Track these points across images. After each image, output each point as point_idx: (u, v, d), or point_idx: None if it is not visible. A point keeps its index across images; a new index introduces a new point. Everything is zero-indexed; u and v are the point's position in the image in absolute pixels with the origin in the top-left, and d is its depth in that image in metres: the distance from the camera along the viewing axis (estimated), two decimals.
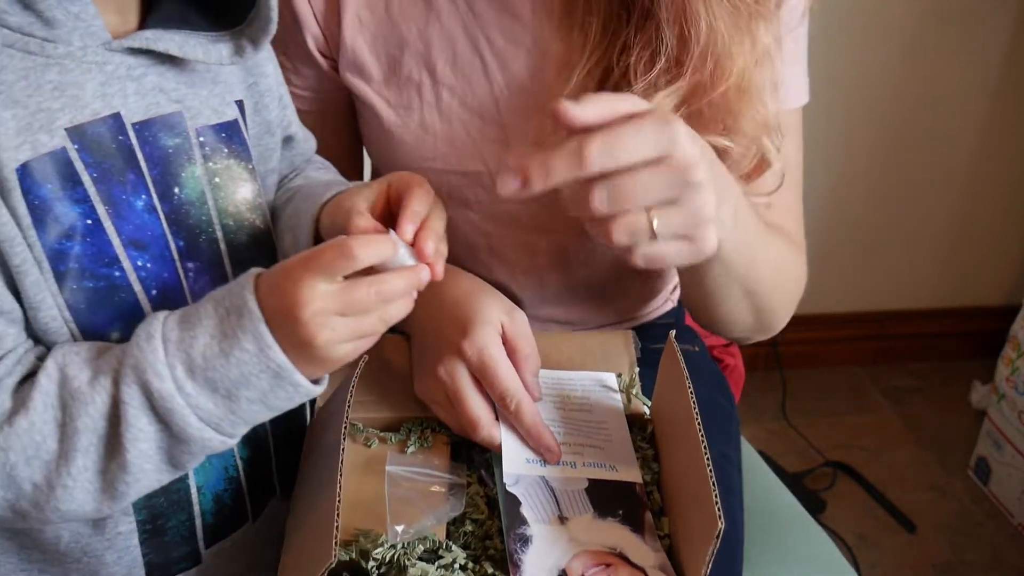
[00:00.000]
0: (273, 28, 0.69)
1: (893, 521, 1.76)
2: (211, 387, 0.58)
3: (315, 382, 0.61)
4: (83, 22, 0.61)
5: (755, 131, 0.79)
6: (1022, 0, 1.83)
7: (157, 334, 0.59)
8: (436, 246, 0.64)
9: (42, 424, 0.58)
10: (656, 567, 0.66)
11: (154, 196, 0.65)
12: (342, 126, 0.93)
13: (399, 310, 0.61)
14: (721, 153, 0.76)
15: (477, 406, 0.74)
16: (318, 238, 0.72)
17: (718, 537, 0.59)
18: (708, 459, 0.63)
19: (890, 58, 1.84)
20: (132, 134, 0.64)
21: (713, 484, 0.61)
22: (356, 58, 0.86)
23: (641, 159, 0.58)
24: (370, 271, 0.60)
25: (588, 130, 0.58)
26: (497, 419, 0.74)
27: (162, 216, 0.66)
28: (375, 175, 1.01)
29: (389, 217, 0.67)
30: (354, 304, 0.58)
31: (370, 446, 0.76)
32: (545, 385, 0.79)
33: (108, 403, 0.58)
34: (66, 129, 0.60)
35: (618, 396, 0.81)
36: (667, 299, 1.06)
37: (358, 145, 0.96)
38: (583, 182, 0.58)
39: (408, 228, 0.63)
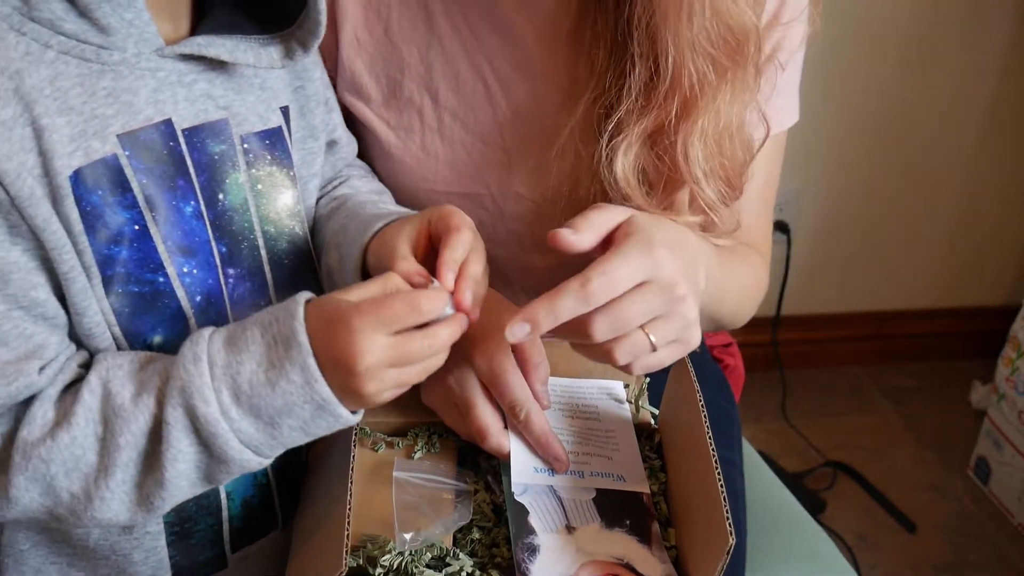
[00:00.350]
0: (322, 31, 0.69)
1: (893, 521, 1.76)
2: (254, 414, 0.59)
3: (353, 411, 0.62)
4: (137, 29, 0.62)
5: (708, 180, 0.79)
6: (1021, 2, 1.83)
7: (204, 356, 0.59)
8: (473, 292, 0.65)
9: (83, 439, 0.59)
10: None
11: (201, 202, 0.66)
12: None
13: (440, 361, 0.63)
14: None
15: (487, 414, 0.74)
16: (364, 268, 0.72)
17: (728, 552, 0.59)
18: (719, 474, 0.63)
19: (890, 58, 1.84)
20: (182, 140, 0.65)
21: (724, 499, 0.61)
22: (354, 79, 0.86)
23: (632, 286, 0.63)
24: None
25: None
26: (506, 427, 0.74)
27: (208, 222, 0.66)
28: None
29: (431, 253, 0.67)
30: (407, 357, 0.60)
31: (377, 450, 0.76)
32: (553, 394, 0.79)
33: (151, 422, 0.59)
34: (118, 136, 0.61)
35: (626, 406, 0.81)
36: None
37: None
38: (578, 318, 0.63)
39: (448, 277, 0.64)
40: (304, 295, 0.61)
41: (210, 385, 0.58)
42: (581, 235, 0.66)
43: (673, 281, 0.64)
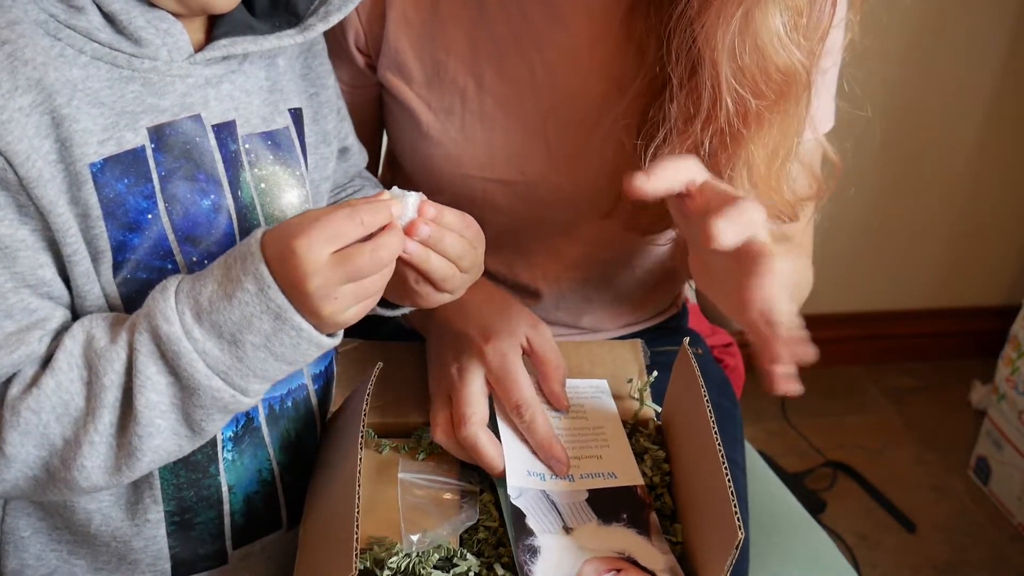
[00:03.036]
0: (351, 6, 0.70)
1: (893, 521, 1.76)
2: (216, 332, 0.59)
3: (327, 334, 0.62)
4: (172, 38, 0.64)
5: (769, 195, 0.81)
6: (1021, 2, 1.83)
7: (171, 286, 0.60)
8: (441, 228, 0.64)
9: (68, 383, 0.60)
10: (666, 570, 0.66)
11: (228, 196, 0.67)
12: (367, 122, 0.92)
13: (391, 269, 0.62)
14: None
15: (475, 403, 0.74)
16: None
17: (738, 547, 0.59)
18: (727, 470, 0.63)
19: (890, 58, 1.84)
20: (211, 136, 0.66)
21: (732, 494, 0.61)
22: (398, 58, 0.85)
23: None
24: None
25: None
26: (489, 426, 0.75)
27: (234, 216, 0.68)
28: (388, 174, 1.01)
29: None
30: (357, 271, 0.59)
31: (382, 452, 0.76)
32: (540, 394, 0.79)
33: (127, 355, 0.60)
34: (147, 128, 0.63)
35: (611, 400, 0.81)
36: (671, 304, 1.06)
37: (375, 144, 0.96)
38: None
39: (412, 196, 0.63)
40: (264, 227, 0.62)
41: (173, 307, 0.59)
42: (651, 182, 0.66)
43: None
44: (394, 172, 1.00)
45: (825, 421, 1.99)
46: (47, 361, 0.62)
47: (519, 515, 0.69)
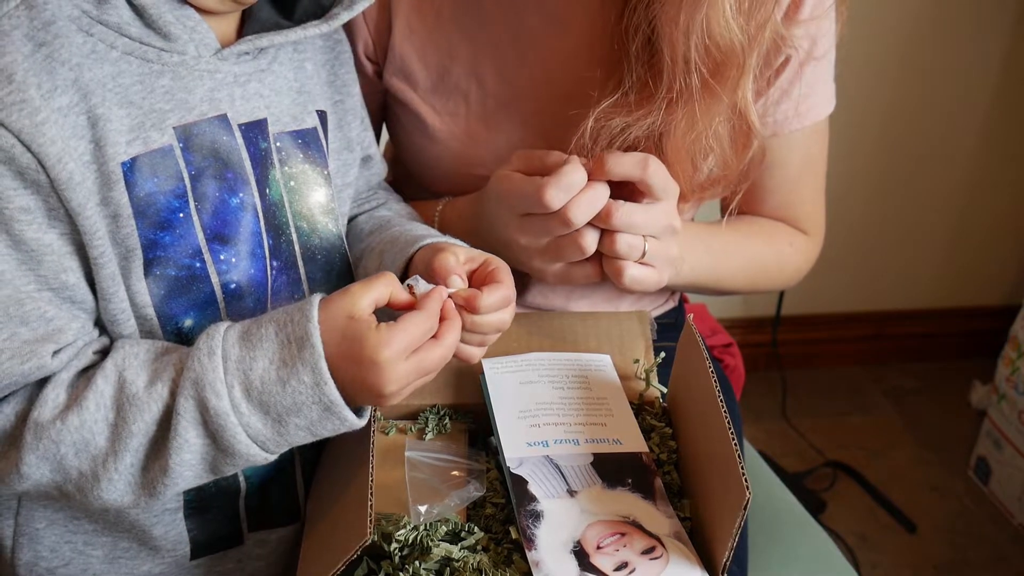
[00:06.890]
0: None
1: (893, 521, 1.76)
2: (264, 410, 0.61)
3: (357, 413, 0.64)
4: (198, 35, 0.65)
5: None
6: (1021, 2, 1.83)
7: (218, 350, 0.61)
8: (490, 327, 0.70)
9: (92, 423, 0.61)
10: (671, 535, 0.66)
11: (255, 194, 0.69)
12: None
13: (456, 343, 0.67)
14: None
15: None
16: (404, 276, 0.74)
17: (745, 507, 0.59)
18: (733, 433, 0.64)
19: (890, 58, 1.84)
20: (238, 134, 0.67)
21: (739, 456, 0.62)
22: (404, 65, 0.87)
23: (664, 185, 0.75)
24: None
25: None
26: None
27: (260, 214, 0.69)
28: (396, 177, 1.01)
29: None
30: (426, 370, 0.64)
31: (388, 434, 0.77)
32: (542, 367, 0.80)
33: (162, 411, 0.61)
34: (174, 128, 0.64)
35: (615, 373, 0.82)
36: (669, 298, 1.06)
37: None
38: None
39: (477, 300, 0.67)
40: (317, 296, 0.63)
41: (223, 379, 0.60)
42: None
43: (675, 213, 0.77)
44: (394, 176, 1.01)
45: (825, 421, 1.99)
46: (72, 384, 0.63)
47: (521, 482, 0.70)
